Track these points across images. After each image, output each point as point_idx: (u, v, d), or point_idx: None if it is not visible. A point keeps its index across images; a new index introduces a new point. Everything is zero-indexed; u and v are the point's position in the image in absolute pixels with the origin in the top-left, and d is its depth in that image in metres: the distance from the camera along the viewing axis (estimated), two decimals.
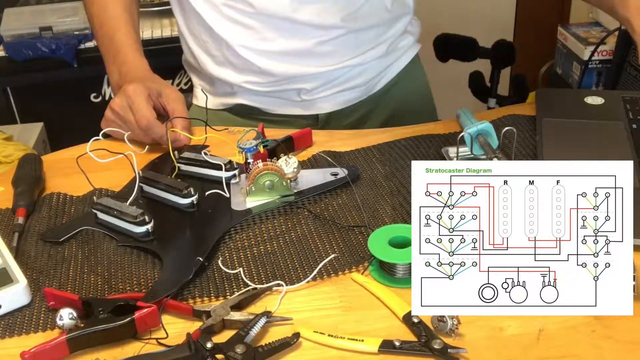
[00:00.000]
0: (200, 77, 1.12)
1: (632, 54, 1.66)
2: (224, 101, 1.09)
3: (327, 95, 1.05)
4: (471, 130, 0.84)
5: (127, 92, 0.92)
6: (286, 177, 0.81)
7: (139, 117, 0.91)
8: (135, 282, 0.70)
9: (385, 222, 0.77)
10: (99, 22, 1.03)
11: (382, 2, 1.03)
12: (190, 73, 1.15)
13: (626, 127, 0.91)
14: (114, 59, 1.00)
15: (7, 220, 0.81)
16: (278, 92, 1.05)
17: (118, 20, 1.01)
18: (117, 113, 0.93)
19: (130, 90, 0.92)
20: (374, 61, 1.06)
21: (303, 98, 1.05)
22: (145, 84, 0.93)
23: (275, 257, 0.72)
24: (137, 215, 0.76)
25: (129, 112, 0.92)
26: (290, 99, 1.06)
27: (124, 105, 0.92)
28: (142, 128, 0.91)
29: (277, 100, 1.07)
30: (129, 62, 0.98)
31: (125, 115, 0.92)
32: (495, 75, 1.89)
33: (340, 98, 1.06)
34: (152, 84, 0.94)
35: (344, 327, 0.63)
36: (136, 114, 0.91)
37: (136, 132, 0.92)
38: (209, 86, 1.11)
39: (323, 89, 1.05)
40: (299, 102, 1.06)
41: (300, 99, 1.06)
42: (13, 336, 0.64)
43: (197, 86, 1.14)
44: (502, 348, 0.60)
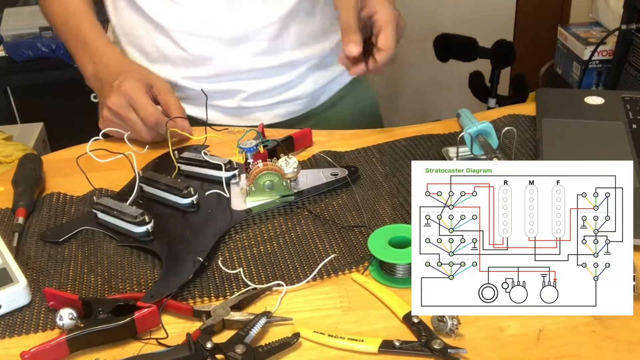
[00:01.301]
0: None
1: (632, 54, 1.66)
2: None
3: (265, 105, 1.03)
4: (471, 130, 0.84)
5: (125, 90, 0.90)
6: (286, 177, 0.81)
7: (146, 115, 0.89)
8: (135, 282, 0.70)
9: (385, 222, 0.77)
10: (62, 19, 1.01)
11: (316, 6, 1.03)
12: None
13: (626, 127, 0.91)
14: (84, 50, 0.98)
15: (7, 220, 0.81)
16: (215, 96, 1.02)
17: (81, 14, 1.00)
18: (117, 113, 0.91)
19: (128, 88, 0.90)
20: (315, 73, 1.05)
21: (241, 104, 1.03)
22: (137, 76, 0.92)
23: (275, 257, 0.72)
24: (137, 215, 0.76)
25: (130, 111, 0.90)
26: (227, 105, 1.04)
27: (124, 104, 0.90)
28: (150, 126, 0.90)
29: (210, 109, 1.03)
30: (102, 52, 0.97)
31: (126, 115, 0.91)
32: (495, 75, 1.89)
33: (280, 110, 1.04)
34: (141, 75, 0.93)
35: (344, 327, 0.63)
36: (141, 112, 0.89)
37: (139, 130, 0.91)
38: None
39: (262, 97, 1.03)
40: (234, 110, 1.03)
41: (236, 105, 1.03)
42: (13, 336, 0.64)
43: None
44: (502, 348, 0.60)
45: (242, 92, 1.03)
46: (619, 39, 1.75)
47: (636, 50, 1.70)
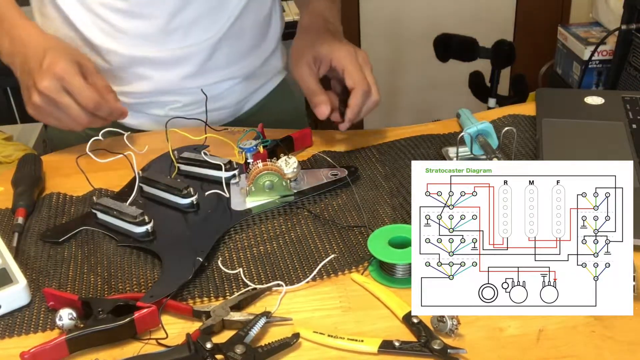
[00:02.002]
0: None
1: (632, 54, 1.66)
2: None
3: (193, 114, 1.01)
4: (471, 130, 0.84)
5: (58, 73, 0.84)
6: (286, 177, 0.81)
7: (84, 98, 0.84)
8: (135, 282, 0.70)
9: (385, 222, 0.77)
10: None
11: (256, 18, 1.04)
12: None
13: (626, 127, 0.91)
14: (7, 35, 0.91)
15: (7, 220, 0.81)
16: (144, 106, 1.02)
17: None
18: (50, 97, 0.84)
19: (61, 71, 0.84)
20: (242, 84, 1.06)
21: (168, 114, 1.01)
22: (67, 57, 0.86)
23: (275, 257, 0.72)
24: (137, 215, 0.76)
25: (64, 95, 0.84)
26: (155, 113, 1.03)
27: (58, 88, 0.84)
28: (90, 110, 0.85)
29: (137, 114, 1.03)
30: (19, 26, 0.91)
31: (61, 99, 0.84)
32: (495, 75, 1.89)
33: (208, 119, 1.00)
34: (71, 55, 0.88)
35: (344, 328, 0.63)
36: (78, 96, 0.84)
37: (75, 115, 0.85)
38: None
39: (190, 107, 1.02)
40: (162, 118, 1.01)
41: (164, 114, 1.02)
42: (13, 336, 0.64)
43: None
44: (501, 348, 0.59)
45: (170, 104, 1.03)
46: (619, 39, 1.75)
47: (636, 50, 1.70)
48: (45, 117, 0.87)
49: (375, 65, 0.94)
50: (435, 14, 2.44)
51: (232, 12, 1.00)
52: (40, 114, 0.87)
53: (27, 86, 0.87)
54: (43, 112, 0.86)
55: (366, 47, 2.50)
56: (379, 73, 2.80)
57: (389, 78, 2.58)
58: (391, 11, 2.46)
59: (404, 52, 2.52)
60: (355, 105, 0.88)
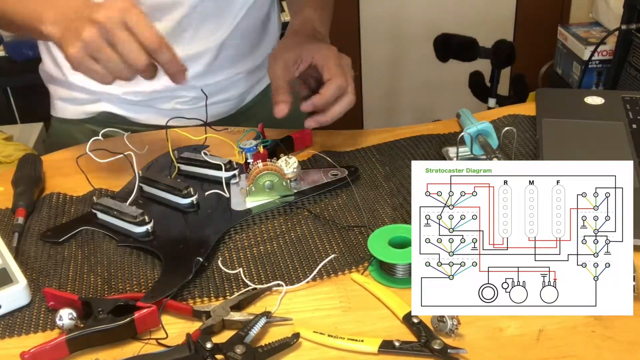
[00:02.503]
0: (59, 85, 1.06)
1: (632, 54, 1.66)
2: (87, 109, 1.05)
3: (198, 107, 1.02)
4: (471, 130, 0.84)
5: (119, 4, 0.71)
6: (286, 177, 0.81)
7: (149, 34, 0.72)
8: (135, 282, 0.70)
9: (385, 222, 0.77)
10: None
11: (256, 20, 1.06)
12: (48, 83, 1.10)
13: (626, 127, 0.91)
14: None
15: (7, 220, 0.81)
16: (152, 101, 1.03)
17: None
18: (106, 28, 0.71)
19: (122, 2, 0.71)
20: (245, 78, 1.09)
21: (175, 107, 1.02)
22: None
23: (275, 257, 0.72)
24: (137, 215, 0.76)
25: (123, 29, 0.71)
26: (162, 107, 1.04)
27: (117, 19, 0.71)
28: (152, 48, 0.72)
29: (143, 109, 1.03)
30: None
31: (120, 32, 0.71)
32: (495, 75, 1.89)
33: (212, 111, 1.01)
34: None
35: (344, 328, 0.63)
36: (142, 30, 0.71)
37: (135, 55, 0.72)
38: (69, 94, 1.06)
39: (196, 101, 1.04)
40: (169, 112, 1.02)
41: (171, 108, 1.03)
42: (13, 336, 0.64)
43: (54, 96, 1.09)
44: (501, 348, 0.59)
45: (176, 98, 1.04)
46: (619, 39, 1.75)
47: (636, 50, 1.70)
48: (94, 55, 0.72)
49: (375, 65, 0.94)
50: (435, 14, 2.44)
51: (236, 14, 1.03)
52: (87, 52, 0.72)
53: (74, 27, 0.73)
54: (93, 49, 0.71)
55: (366, 47, 2.50)
56: (379, 73, 2.80)
57: (389, 78, 2.58)
58: (391, 11, 2.46)
59: (404, 52, 2.52)
60: (325, 94, 0.85)
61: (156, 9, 0.96)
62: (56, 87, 1.08)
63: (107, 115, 1.05)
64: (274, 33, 1.14)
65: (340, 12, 1.08)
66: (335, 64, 0.88)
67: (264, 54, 1.11)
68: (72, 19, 0.74)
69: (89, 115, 1.06)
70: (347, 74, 0.88)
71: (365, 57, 2.51)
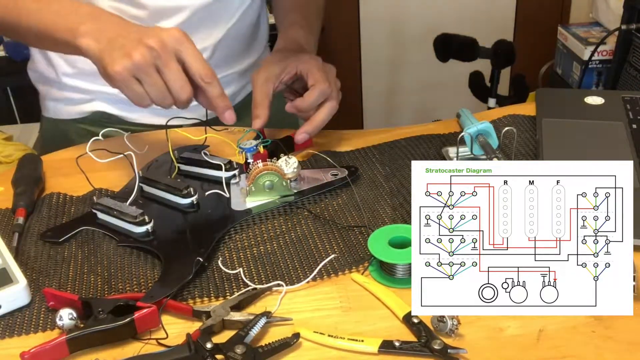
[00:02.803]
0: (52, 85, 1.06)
1: (632, 54, 1.66)
2: (80, 109, 1.05)
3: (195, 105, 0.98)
4: (471, 130, 0.84)
5: (174, 34, 0.74)
6: (286, 177, 0.81)
7: (203, 67, 0.75)
8: (135, 282, 0.70)
9: (385, 222, 0.77)
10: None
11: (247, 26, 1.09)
12: (38, 84, 1.10)
13: (626, 127, 0.91)
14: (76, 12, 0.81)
15: (7, 220, 0.81)
16: None
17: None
18: (158, 53, 0.73)
19: (177, 32, 0.74)
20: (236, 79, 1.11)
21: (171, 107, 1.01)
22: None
23: (275, 257, 0.72)
24: (137, 215, 0.76)
25: (173, 59, 0.73)
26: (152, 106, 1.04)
27: (170, 46, 0.73)
28: (204, 81, 0.75)
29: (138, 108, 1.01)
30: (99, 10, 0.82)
31: (170, 59, 0.73)
32: (495, 75, 1.89)
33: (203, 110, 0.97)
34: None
35: (344, 328, 0.63)
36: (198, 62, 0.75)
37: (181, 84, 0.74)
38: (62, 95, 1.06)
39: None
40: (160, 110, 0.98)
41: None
42: (13, 336, 0.64)
43: (45, 97, 1.09)
44: (501, 348, 0.60)
45: None
46: (619, 39, 1.75)
47: (636, 50, 1.70)
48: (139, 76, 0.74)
49: (375, 65, 0.94)
50: (435, 14, 2.44)
51: (231, 17, 1.05)
52: (132, 73, 0.74)
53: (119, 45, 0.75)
54: (141, 71, 0.73)
55: (366, 47, 2.50)
56: (379, 73, 2.80)
57: (389, 78, 2.58)
58: (391, 11, 2.46)
59: (404, 52, 2.52)
60: (308, 98, 0.87)
61: (158, 13, 0.97)
62: (48, 87, 1.08)
63: (101, 114, 1.05)
64: (263, 35, 1.17)
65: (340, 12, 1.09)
66: (319, 70, 0.89)
67: (255, 55, 1.14)
68: (112, 37, 0.76)
69: (83, 115, 1.06)
70: (332, 81, 0.89)
71: (365, 57, 2.51)
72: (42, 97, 1.10)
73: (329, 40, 2.32)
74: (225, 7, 1.04)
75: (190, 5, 0.99)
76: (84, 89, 1.03)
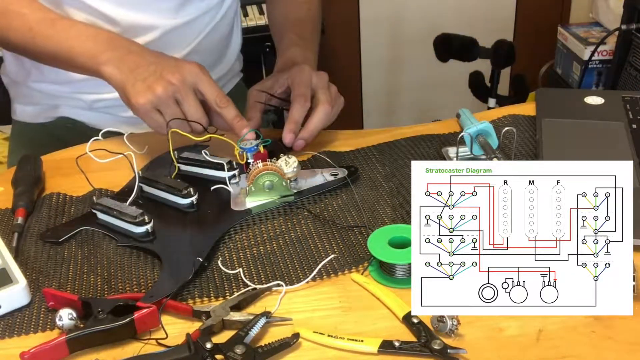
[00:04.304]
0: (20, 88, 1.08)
1: (632, 54, 1.66)
2: (47, 114, 1.06)
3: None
4: (471, 130, 0.84)
5: (191, 68, 0.82)
6: (286, 177, 0.81)
7: (219, 95, 0.83)
8: (135, 282, 0.70)
9: (385, 222, 0.77)
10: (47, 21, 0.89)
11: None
12: (9, 87, 1.11)
13: (626, 127, 0.91)
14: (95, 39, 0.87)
15: (7, 220, 0.81)
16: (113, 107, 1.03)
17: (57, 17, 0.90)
18: (178, 88, 0.81)
19: (194, 66, 0.83)
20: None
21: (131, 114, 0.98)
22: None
23: (274, 257, 0.72)
24: (137, 215, 0.76)
25: (191, 92, 0.82)
26: (118, 114, 1.04)
27: (189, 83, 0.81)
28: (220, 104, 0.82)
29: (103, 116, 1.03)
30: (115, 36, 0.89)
31: (189, 94, 0.82)
32: (495, 75, 1.89)
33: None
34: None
35: (344, 328, 0.63)
36: (214, 92, 0.82)
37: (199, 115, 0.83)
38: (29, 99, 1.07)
39: None
40: (125, 119, 1.01)
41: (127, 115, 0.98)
42: (13, 336, 0.64)
43: (15, 100, 1.10)
44: (501, 348, 0.59)
45: None
46: (619, 39, 1.75)
47: (636, 50, 1.70)
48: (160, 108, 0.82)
49: (375, 65, 0.94)
50: (435, 14, 2.44)
51: (200, 33, 1.06)
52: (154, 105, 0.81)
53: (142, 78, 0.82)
54: (162, 104, 0.81)
55: (366, 47, 2.50)
56: (379, 73, 2.80)
57: (389, 78, 2.58)
58: (391, 11, 2.46)
59: (404, 52, 2.52)
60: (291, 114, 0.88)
61: (129, 30, 0.97)
62: (17, 90, 1.09)
63: (66, 120, 1.06)
64: (235, 47, 1.18)
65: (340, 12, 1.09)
66: (301, 82, 0.89)
67: (226, 67, 1.16)
68: (132, 67, 0.83)
69: (48, 120, 1.07)
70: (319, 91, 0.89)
71: (365, 57, 2.51)
72: (12, 101, 1.12)
73: (329, 41, 2.32)
74: (196, 25, 1.05)
75: (162, 25, 1.01)
76: (51, 94, 1.04)
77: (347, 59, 2.50)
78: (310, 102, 0.89)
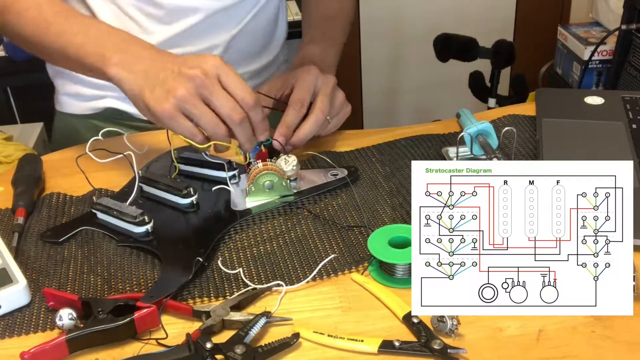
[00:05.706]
0: (66, 79, 1.07)
1: (632, 54, 1.66)
2: (92, 105, 1.06)
3: None
4: (471, 130, 0.84)
5: (213, 61, 0.73)
6: (286, 175, 0.81)
7: (246, 91, 0.73)
8: (135, 282, 0.70)
9: (385, 222, 0.77)
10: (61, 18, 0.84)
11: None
12: (55, 78, 1.10)
13: (626, 127, 0.91)
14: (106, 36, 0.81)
15: (7, 220, 0.81)
16: None
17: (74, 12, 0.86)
18: (203, 84, 0.72)
19: (215, 59, 0.73)
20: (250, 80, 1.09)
21: None
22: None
23: (275, 257, 0.72)
24: (136, 215, 0.76)
25: (217, 84, 0.73)
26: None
27: (212, 75, 0.72)
28: (248, 106, 0.74)
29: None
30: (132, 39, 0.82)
31: (214, 88, 0.72)
32: (495, 75, 1.89)
33: None
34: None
35: (344, 328, 0.63)
36: (240, 87, 0.73)
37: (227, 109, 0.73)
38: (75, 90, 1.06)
39: None
40: None
41: None
42: (13, 336, 0.64)
43: (60, 91, 1.09)
44: (501, 348, 0.59)
45: None
46: (619, 39, 1.75)
47: (636, 50, 1.70)
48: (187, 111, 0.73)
49: (375, 65, 0.94)
50: (435, 14, 2.44)
51: (245, 16, 1.04)
52: (180, 109, 0.73)
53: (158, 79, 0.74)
54: (188, 105, 0.72)
55: (366, 47, 2.50)
56: (379, 73, 2.80)
57: (389, 78, 2.58)
58: (391, 11, 2.46)
59: (404, 52, 2.52)
60: (284, 119, 0.85)
61: (173, 13, 0.98)
62: (63, 81, 1.09)
63: (113, 111, 1.05)
64: (281, 33, 1.15)
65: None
66: (302, 86, 0.87)
67: (271, 55, 1.13)
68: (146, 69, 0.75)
69: (95, 111, 1.07)
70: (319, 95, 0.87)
71: (365, 57, 2.51)
72: (57, 92, 1.11)
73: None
74: (240, 7, 1.03)
75: (206, 8, 0.99)
76: (98, 84, 1.03)
77: (347, 59, 2.49)
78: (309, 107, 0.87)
